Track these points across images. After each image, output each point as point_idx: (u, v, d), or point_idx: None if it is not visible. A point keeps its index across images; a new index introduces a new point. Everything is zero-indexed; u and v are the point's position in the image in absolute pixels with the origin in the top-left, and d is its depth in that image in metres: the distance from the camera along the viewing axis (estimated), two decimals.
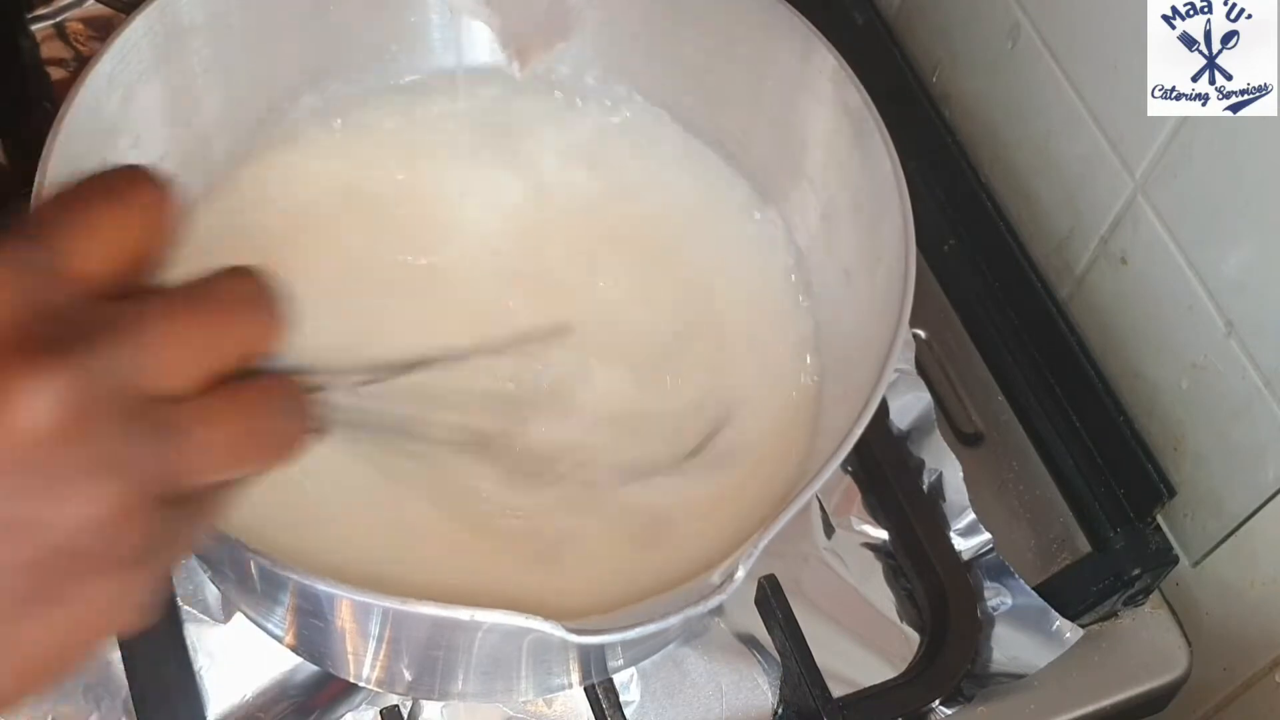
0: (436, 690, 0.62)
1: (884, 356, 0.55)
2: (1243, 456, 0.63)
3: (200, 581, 0.64)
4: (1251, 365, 0.61)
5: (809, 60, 0.63)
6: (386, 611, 0.50)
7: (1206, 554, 0.67)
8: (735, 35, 0.67)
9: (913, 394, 0.71)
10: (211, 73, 0.66)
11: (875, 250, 0.61)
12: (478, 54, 0.73)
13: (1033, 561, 0.70)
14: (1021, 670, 0.65)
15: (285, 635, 0.62)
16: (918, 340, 0.74)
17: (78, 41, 0.80)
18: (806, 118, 0.66)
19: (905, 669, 0.66)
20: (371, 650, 0.58)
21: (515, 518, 0.61)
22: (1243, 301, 0.61)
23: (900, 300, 0.56)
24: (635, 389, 0.65)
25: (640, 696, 0.64)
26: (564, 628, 0.47)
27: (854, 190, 0.63)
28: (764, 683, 0.65)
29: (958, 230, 0.77)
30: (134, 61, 0.61)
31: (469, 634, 0.52)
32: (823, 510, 0.69)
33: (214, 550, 0.57)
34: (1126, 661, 0.68)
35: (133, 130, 0.62)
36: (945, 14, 0.79)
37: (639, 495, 0.62)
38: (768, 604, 0.64)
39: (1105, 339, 0.71)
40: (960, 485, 0.68)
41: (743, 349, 0.67)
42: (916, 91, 0.80)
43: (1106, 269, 0.70)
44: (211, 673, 0.62)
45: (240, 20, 0.66)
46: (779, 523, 0.50)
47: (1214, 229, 0.62)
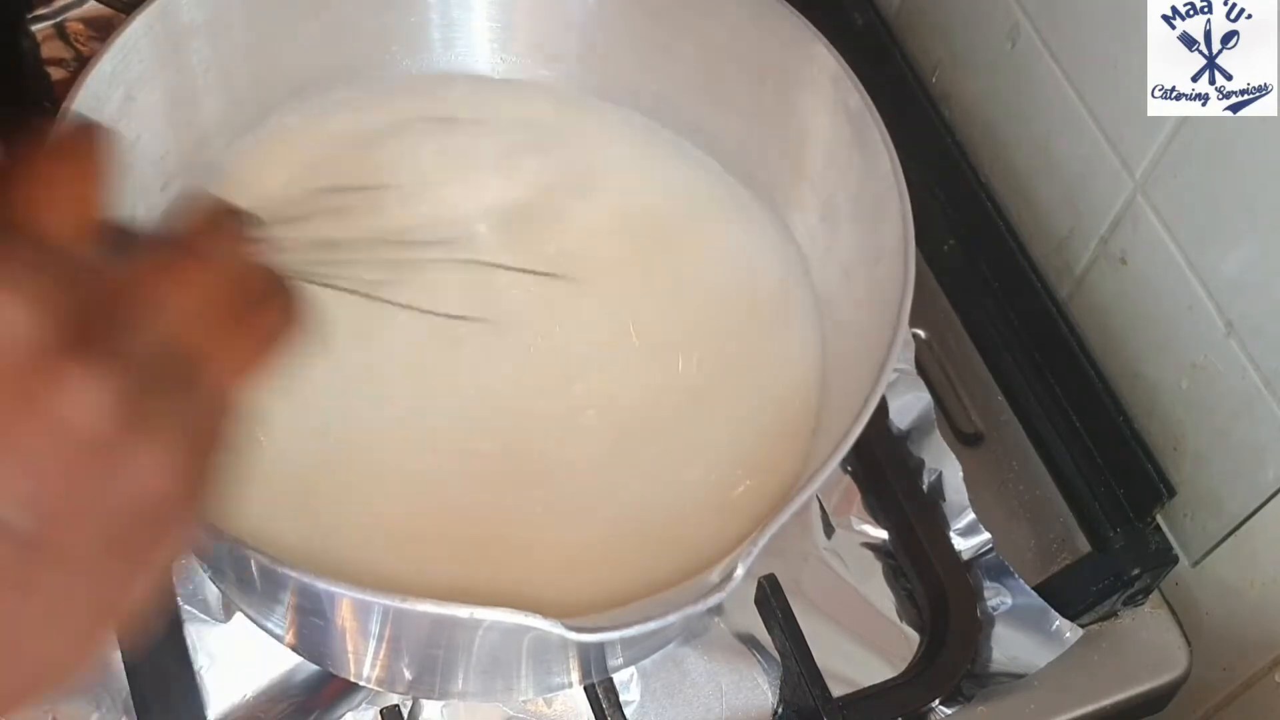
0: (437, 689, 0.62)
1: (884, 356, 0.55)
2: (1243, 456, 0.63)
3: (200, 581, 0.64)
4: (1251, 365, 0.61)
5: (809, 60, 0.63)
6: (386, 610, 0.50)
7: (1206, 554, 0.67)
8: (735, 35, 0.67)
9: (913, 394, 0.71)
10: (211, 72, 0.66)
11: (875, 250, 0.61)
12: (477, 54, 0.73)
13: (1033, 561, 0.70)
14: (1021, 670, 0.65)
15: (285, 634, 0.62)
16: (918, 340, 0.74)
17: (78, 41, 0.80)
18: (806, 118, 0.66)
19: (905, 669, 0.66)
20: (372, 649, 0.58)
21: (516, 517, 0.61)
22: (1243, 301, 0.61)
23: (900, 300, 0.56)
24: (633, 390, 0.65)
25: (640, 696, 0.64)
26: (563, 625, 0.47)
27: (854, 190, 0.63)
28: (764, 682, 0.65)
29: (958, 230, 0.77)
30: (134, 61, 0.61)
31: (469, 632, 0.52)
32: (823, 510, 0.69)
33: (214, 550, 0.57)
34: (1126, 661, 0.68)
35: (133, 130, 0.62)
36: (945, 14, 0.79)
37: (638, 494, 0.62)
38: (768, 604, 0.64)
39: (1105, 339, 0.71)
40: (960, 485, 0.68)
41: (741, 348, 0.67)
42: (916, 91, 0.80)
43: (1106, 269, 0.70)
44: (211, 672, 0.62)
45: (240, 20, 0.66)
46: (779, 522, 0.50)
47: (1214, 229, 0.62)
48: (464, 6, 0.71)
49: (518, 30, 0.72)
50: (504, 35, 0.72)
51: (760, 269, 0.69)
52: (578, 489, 0.62)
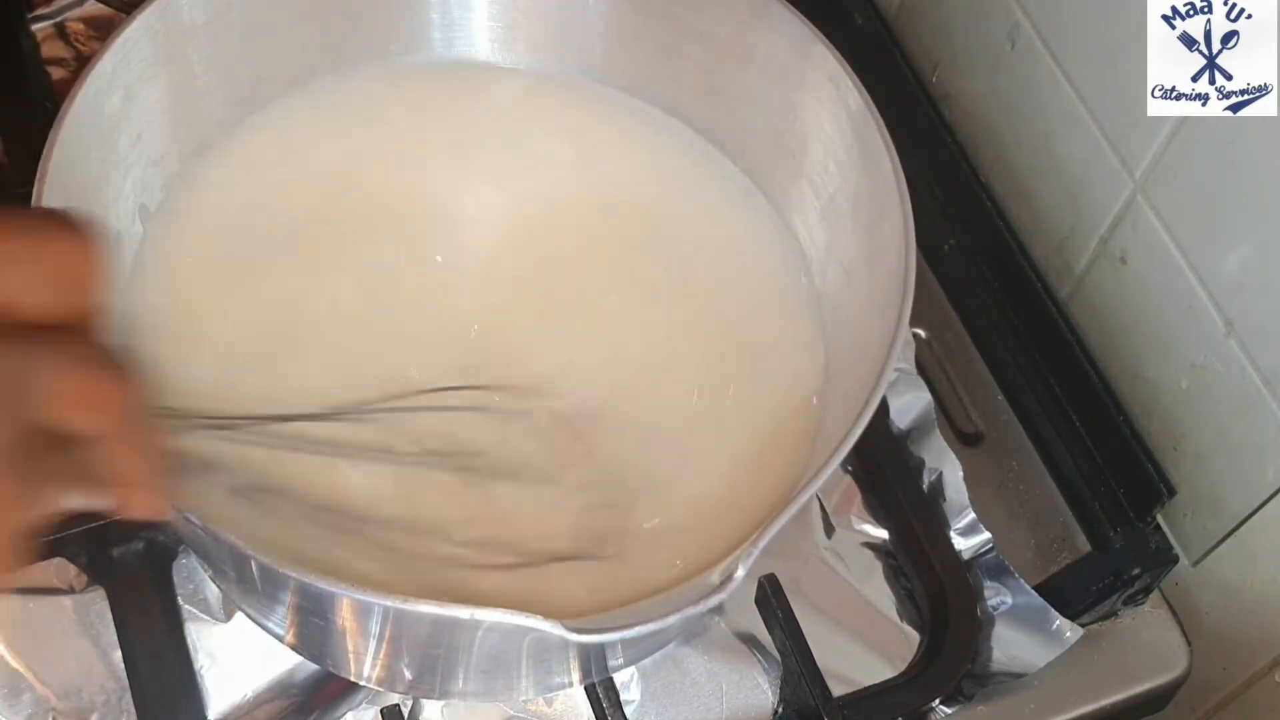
0: (437, 689, 0.62)
1: (884, 356, 0.55)
2: (1243, 456, 0.63)
3: (200, 581, 0.64)
4: (1251, 365, 0.61)
5: (809, 60, 0.64)
6: (387, 610, 0.50)
7: (1206, 553, 0.67)
8: (735, 35, 0.67)
9: (913, 394, 0.71)
10: (211, 72, 0.66)
11: (875, 250, 0.61)
12: (477, 53, 0.73)
13: (1033, 561, 0.70)
14: (1021, 670, 0.65)
15: (286, 634, 0.62)
16: (918, 340, 0.74)
17: (78, 41, 0.80)
18: (806, 118, 0.66)
19: (905, 668, 0.66)
20: (372, 649, 0.58)
21: (516, 515, 0.61)
22: (1243, 301, 0.61)
23: (900, 300, 0.56)
24: (633, 390, 0.65)
25: (640, 696, 0.64)
26: (564, 626, 0.47)
27: (854, 190, 0.63)
28: (764, 682, 0.65)
29: (958, 230, 0.77)
30: (134, 61, 0.61)
31: (469, 633, 0.52)
32: (823, 510, 0.69)
33: (215, 549, 0.57)
34: (1126, 661, 0.68)
35: (133, 129, 0.62)
36: (945, 14, 0.79)
37: (639, 493, 0.62)
38: (768, 604, 0.64)
39: (1105, 339, 0.71)
40: (960, 485, 0.68)
41: (741, 348, 0.67)
42: (916, 91, 0.80)
43: (1106, 269, 0.70)
44: (212, 672, 0.62)
45: (240, 19, 0.66)
46: (779, 522, 0.50)
47: (1214, 229, 0.62)
48: (465, 6, 0.71)
49: (519, 29, 0.72)
50: (505, 34, 0.72)
51: (761, 268, 0.69)
52: (577, 490, 0.62)
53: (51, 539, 0.63)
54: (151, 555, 0.64)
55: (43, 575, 0.63)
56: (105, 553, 0.63)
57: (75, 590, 0.63)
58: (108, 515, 0.43)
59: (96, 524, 0.63)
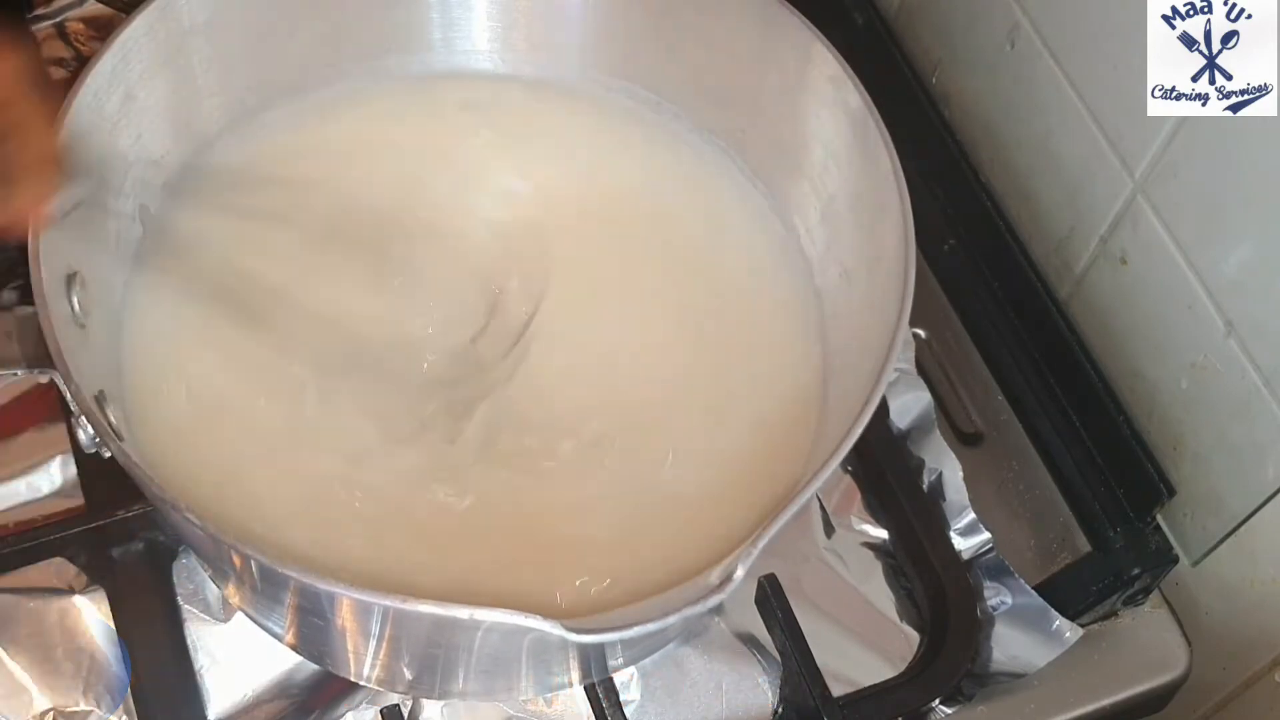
0: (437, 689, 0.62)
1: (884, 356, 0.55)
2: (1243, 456, 0.63)
3: (200, 581, 0.64)
4: (1251, 365, 0.61)
5: (809, 60, 0.64)
6: (387, 610, 0.50)
7: (1206, 553, 0.67)
8: (736, 35, 0.67)
9: (913, 394, 0.71)
10: (211, 72, 0.66)
11: (875, 250, 0.61)
12: (477, 52, 0.73)
13: (1033, 561, 0.70)
14: (1021, 670, 0.65)
15: (286, 634, 0.62)
16: (918, 340, 0.74)
17: (78, 41, 0.80)
18: (806, 117, 0.66)
19: (905, 668, 0.66)
20: (372, 649, 0.58)
21: (517, 516, 0.61)
22: (1243, 301, 0.61)
23: (900, 300, 0.56)
24: (633, 390, 0.65)
25: (640, 695, 0.64)
26: (563, 626, 0.47)
27: (854, 190, 0.63)
28: (764, 682, 0.65)
29: (958, 230, 0.77)
30: (135, 61, 0.61)
31: (469, 633, 0.52)
32: (823, 510, 0.69)
33: (214, 549, 0.57)
34: (1126, 661, 0.68)
35: (134, 128, 0.62)
36: (945, 14, 0.79)
37: (639, 493, 0.62)
38: (768, 603, 0.64)
39: (1105, 339, 0.71)
40: (960, 485, 0.68)
41: (741, 347, 0.67)
42: (916, 91, 0.80)
43: (1106, 269, 0.70)
44: (211, 672, 0.62)
45: (240, 20, 0.66)
46: (779, 522, 0.50)
47: (1214, 229, 0.62)
48: (465, 6, 0.71)
49: (519, 29, 0.72)
50: (505, 34, 0.72)
51: (761, 268, 0.69)
52: (577, 489, 0.62)
53: (52, 539, 0.63)
54: (151, 555, 0.64)
55: (43, 575, 0.63)
56: (105, 553, 0.63)
57: (75, 590, 0.63)
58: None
59: (96, 524, 0.63)
